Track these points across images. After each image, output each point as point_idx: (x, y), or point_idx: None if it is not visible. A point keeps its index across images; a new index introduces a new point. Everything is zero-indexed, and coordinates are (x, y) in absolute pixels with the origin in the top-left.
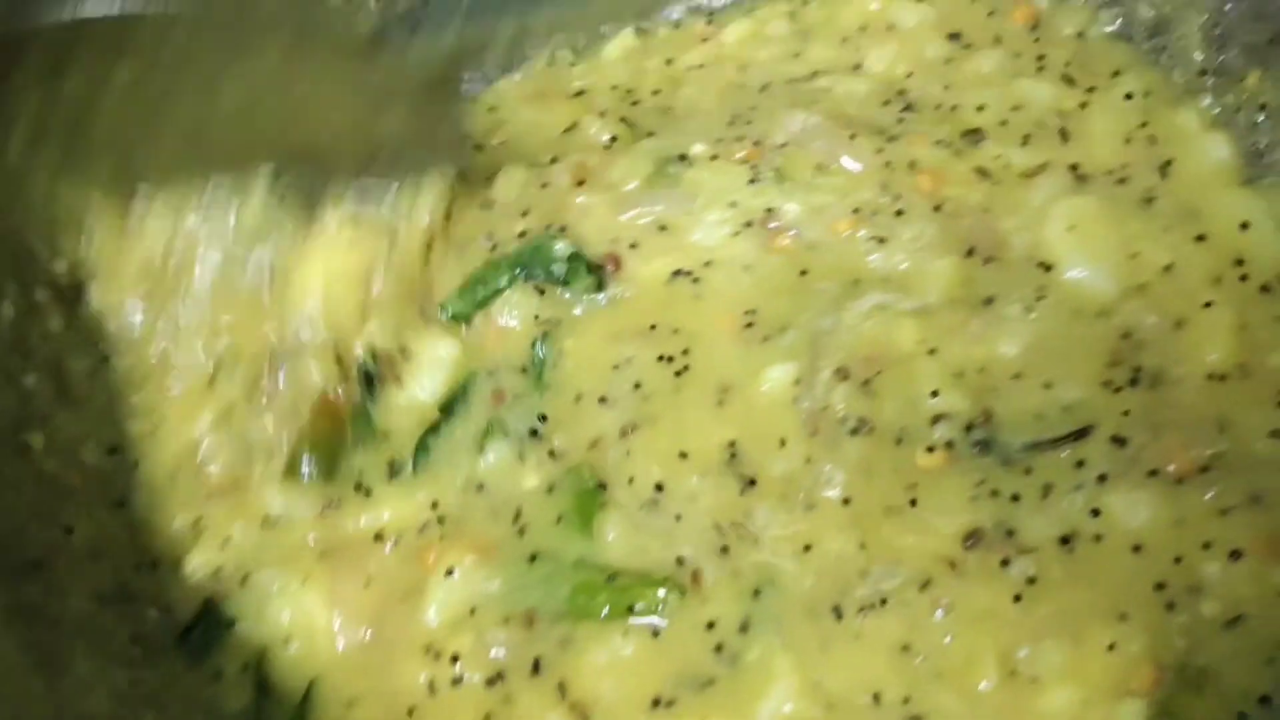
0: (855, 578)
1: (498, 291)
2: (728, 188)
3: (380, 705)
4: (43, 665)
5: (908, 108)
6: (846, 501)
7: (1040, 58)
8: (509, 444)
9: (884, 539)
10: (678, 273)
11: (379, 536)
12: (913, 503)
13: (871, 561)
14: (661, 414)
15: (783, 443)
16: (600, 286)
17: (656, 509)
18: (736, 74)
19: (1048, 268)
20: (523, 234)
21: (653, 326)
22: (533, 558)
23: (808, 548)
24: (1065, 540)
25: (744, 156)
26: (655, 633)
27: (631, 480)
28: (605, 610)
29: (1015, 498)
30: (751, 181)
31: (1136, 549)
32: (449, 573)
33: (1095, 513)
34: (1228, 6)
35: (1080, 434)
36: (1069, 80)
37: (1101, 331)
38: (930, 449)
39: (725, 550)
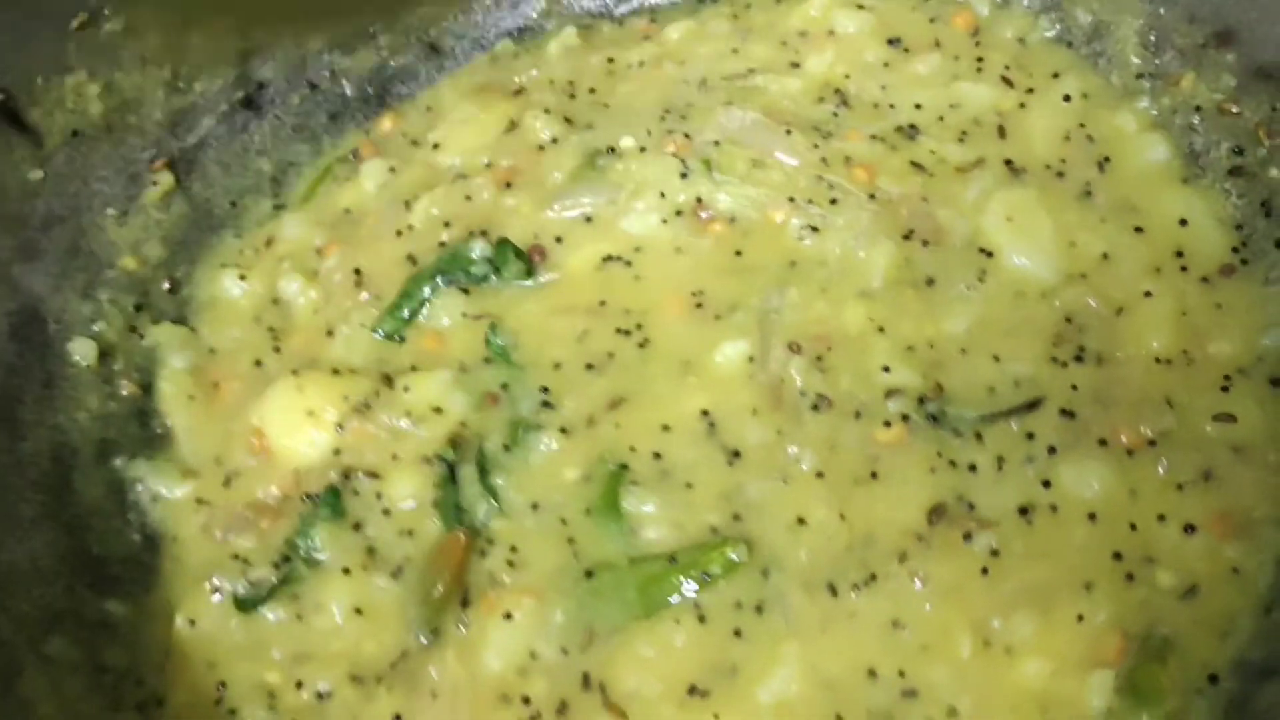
0: (843, 552)
1: (422, 302)
2: (657, 179)
3: None
4: None
5: (843, 104)
6: (820, 474)
7: (979, 60)
8: (538, 432)
9: (859, 510)
10: (609, 258)
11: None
12: (874, 475)
13: (853, 534)
14: (638, 383)
15: (755, 412)
16: (530, 272)
17: (669, 480)
18: (675, 70)
19: (988, 254)
20: (443, 245)
21: (602, 303)
22: (589, 574)
23: (801, 520)
24: (1024, 511)
25: (674, 150)
26: (702, 618)
27: (633, 449)
28: (678, 593)
29: (972, 468)
30: (683, 175)
31: (1092, 517)
32: (507, 617)
33: (1047, 484)
34: (1162, 10)
35: (1030, 406)
36: (1008, 82)
37: (1045, 312)
38: (887, 423)
39: (738, 518)
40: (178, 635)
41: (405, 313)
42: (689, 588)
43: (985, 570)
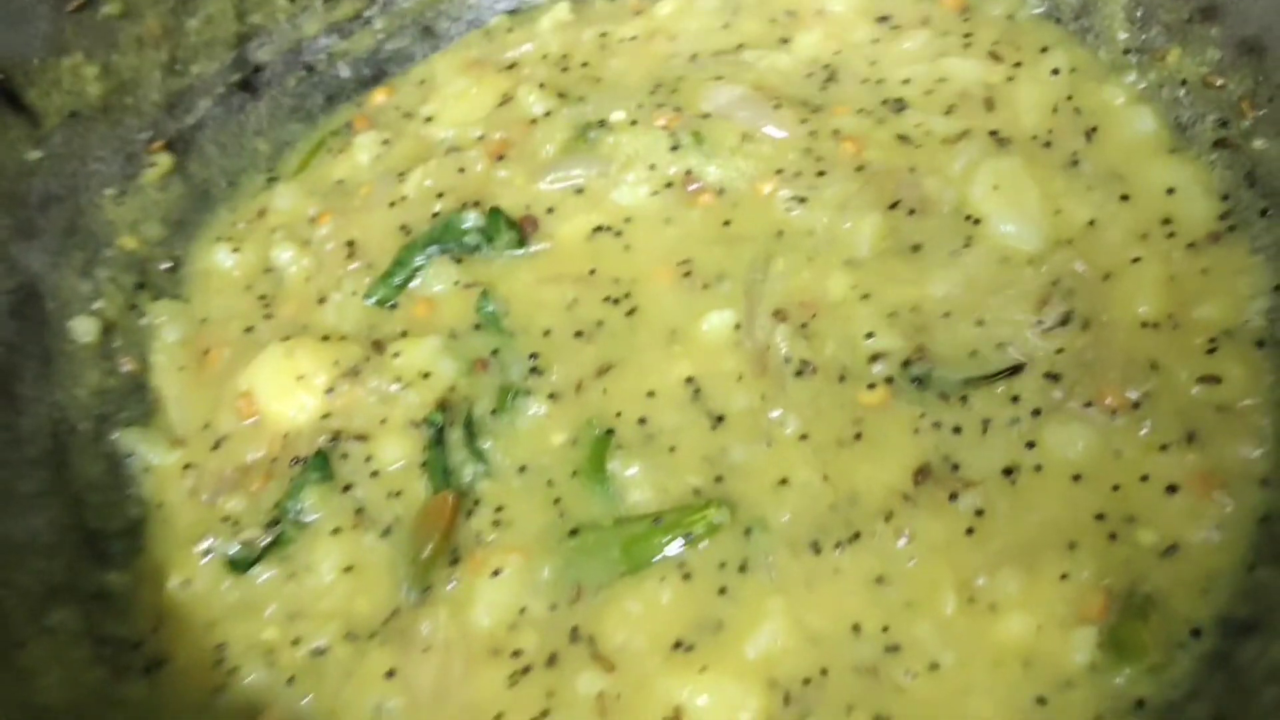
0: (826, 511)
1: (415, 270)
2: (647, 152)
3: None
4: None
5: (831, 79)
6: (804, 437)
7: (967, 36)
8: (526, 397)
9: (843, 471)
10: (599, 228)
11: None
12: (858, 437)
13: (837, 494)
14: (625, 351)
15: (739, 378)
16: (522, 242)
17: (653, 444)
18: (666, 45)
19: (975, 221)
20: (436, 215)
21: (592, 272)
22: (574, 532)
23: (784, 481)
24: (1008, 472)
25: (665, 124)
26: (687, 575)
27: (619, 415)
28: (662, 553)
29: (957, 430)
30: (673, 148)
31: (1076, 478)
32: (495, 574)
33: (1031, 445)
34: None
35: (1014, 370)
36: (996, 57)
37: (1031, 276)
38: (871, 386)
39: (720, 480)
40: (173, 598)
41: (398, 280)
42: (673, 548)
43: (970, 530)
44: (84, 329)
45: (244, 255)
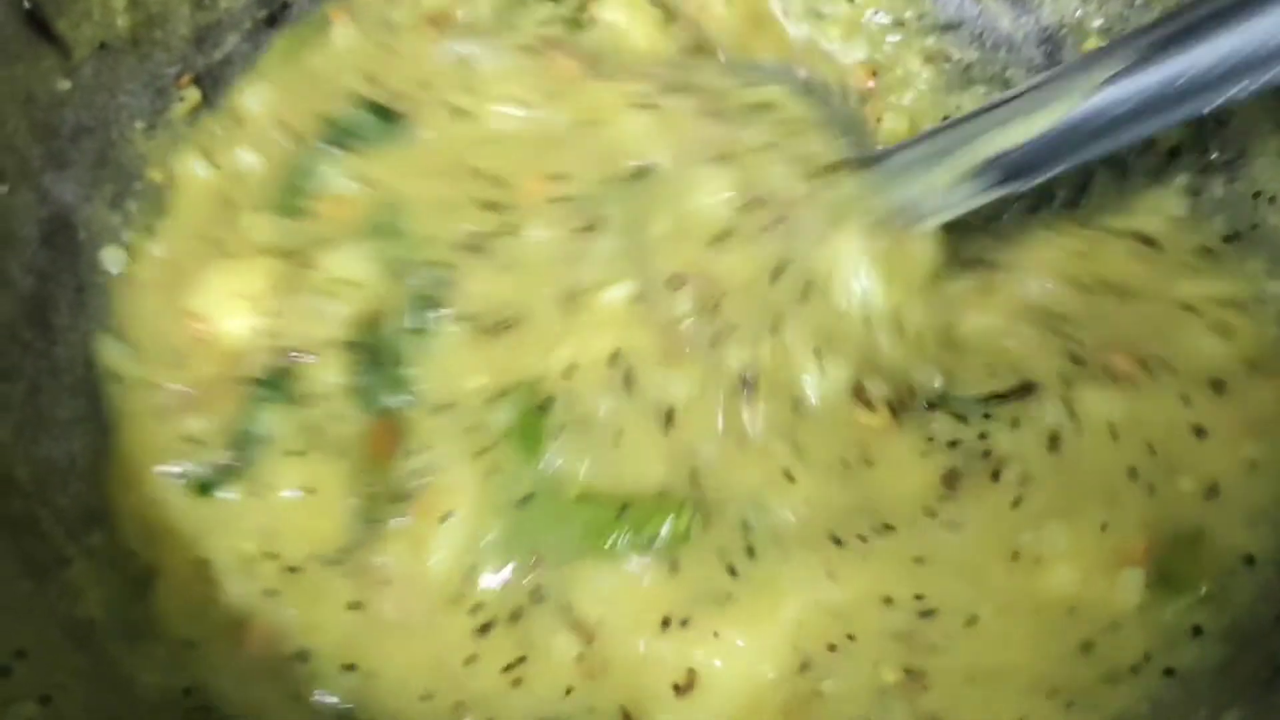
0: (843, 511)
1: (315, 173)
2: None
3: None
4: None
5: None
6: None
7: None
8: (438, 314)
9: (863, 481)
10: (459, 111)
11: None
12: (847, 465)
13: (853, 498)
14: (527, 283)
15: (666, 357)
16: (400, 131)
17: (591, 429)
18: None
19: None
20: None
21: (475, 171)
22: (526, 500)
23: (789, 477)
24: (1053, 440)
25: None
26: (673, 566)
27: (542, 380)
28: (622, 544)
29: (983, 435)
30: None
31: (1114, 437)
32: (443, 519)
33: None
34: None
35: (1025, 390)
36: None
37: None
38: (869, 404)
39: (695, 474)
40: (147, 517)
41: (301, 185)
42: (640, 544)
43: (1018, 501)
44: (115, 260)
45: (218, 163)
